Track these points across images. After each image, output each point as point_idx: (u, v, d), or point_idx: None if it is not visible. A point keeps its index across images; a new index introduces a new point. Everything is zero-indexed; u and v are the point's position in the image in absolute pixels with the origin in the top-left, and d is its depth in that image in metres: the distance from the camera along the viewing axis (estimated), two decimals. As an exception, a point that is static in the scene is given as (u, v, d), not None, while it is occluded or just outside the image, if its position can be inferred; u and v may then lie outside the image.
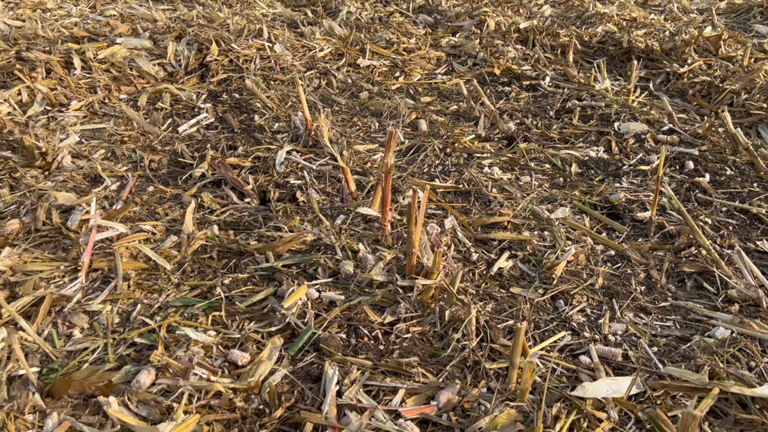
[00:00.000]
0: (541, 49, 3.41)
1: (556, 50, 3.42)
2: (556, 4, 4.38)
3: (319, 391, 1.27)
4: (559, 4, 4.34)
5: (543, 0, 4.45)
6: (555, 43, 3.48)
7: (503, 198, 1.99)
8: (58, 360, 1.33)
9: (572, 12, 4.08)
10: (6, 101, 2.51)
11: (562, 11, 4.14)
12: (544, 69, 3.15)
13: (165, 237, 1.77)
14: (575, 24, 3.82)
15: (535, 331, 1.46)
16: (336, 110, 2.73)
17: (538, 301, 1.56)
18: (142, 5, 4.09)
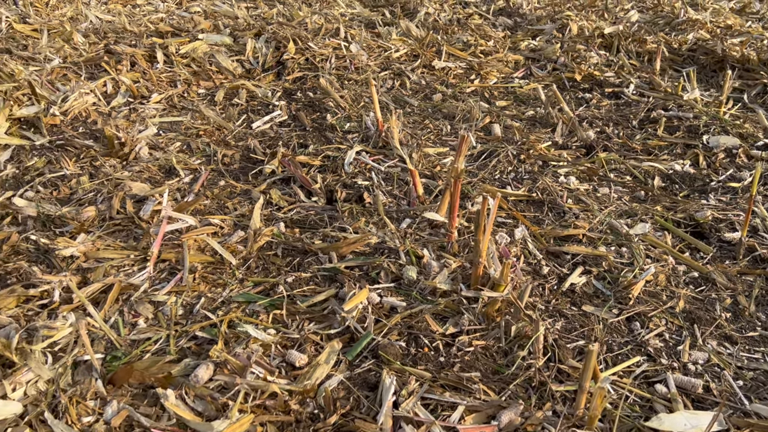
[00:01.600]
0: (626, 55, 3.26)
1: (642, 57, 3.26)
2: (643, 9, 4.18)
3: (375, 400, 1.23)
4: (646, 10, 4.15)
5: (629, 5, 4.27)
6: (641, 49, 3.31)
7: (579, 209, 1.89)
8: (121, 348, 1.35)
9: (661, 18, 3.88)
10: (92, 92, 2.61)
11: (650, 17, 3.95)
12: (629, 76, 3.00)
13: (232, 232, 1.78)
14: (664, 30, 3.63)
15: (608, 354, 1.37)
16: (408, 112, 2.69)
17: (612, 321, 1.46)
18: (225, 2, 4.19)
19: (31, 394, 1.20)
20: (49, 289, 1.48)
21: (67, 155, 2.18)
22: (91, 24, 3.62)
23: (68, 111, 2.47)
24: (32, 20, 3.58)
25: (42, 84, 2.59)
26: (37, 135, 2.33)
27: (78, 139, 2.28)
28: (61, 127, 2.39)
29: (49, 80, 2.67)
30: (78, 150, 2.22)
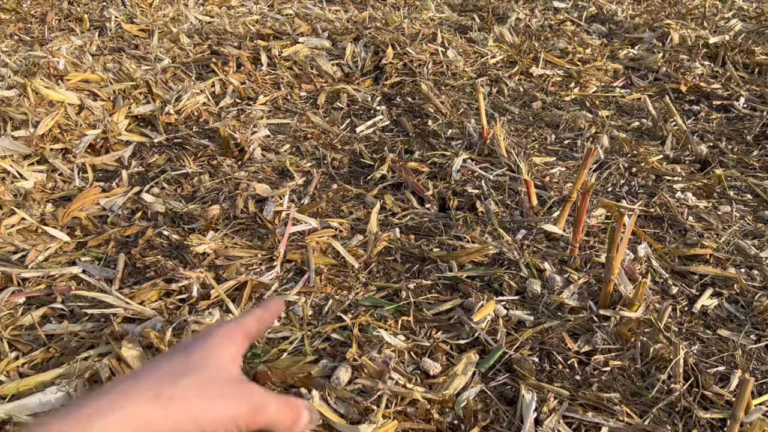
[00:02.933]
0: (733, 66, 3.14)
1: (751, 69, 3.13)
2: (745, 18, 4.02)
3: (515, 414, 1.23)
4: (749, 19, 3.99)
5: (730, 13, 4.11)
6: (749, 61, 3.18)
7: (702, 228, 1.84)
8: (260, 346, 1.39)
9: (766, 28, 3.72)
10: (202, 92, 2.70)
11: (754, 26, 3.80)
12: (738, 89, 2.89)
13: (351, 235, 1.81)
14: (772, 41, 3.48)
15: (750, 382, 1.32)
16: (509, 119, 2.67)
17: (751, 348, 1.41)
18: (316, 5, 4.27)
19: (183, 386, 1.26)
20: (188, 284, 1.54)
21: (186, 153, 2.26)
22: (191, 25, 3.76)
23: (181, 110, 2.57)
24: (138, 20, 3.74)
25: (156, 83, 2.70)
26: (154, 132, 2.44)
27: (194, 138, 2.36)
28: (176, 126, 2.48)
29: (162, 80, 2.78)
30: (195, 148, 2.31)
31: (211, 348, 0.48)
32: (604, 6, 4.24)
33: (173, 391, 0.43)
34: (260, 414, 0.46)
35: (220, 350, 0.48)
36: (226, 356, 0.48)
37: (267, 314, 0.56)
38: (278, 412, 0.47)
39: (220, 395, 0.44)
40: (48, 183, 2.00)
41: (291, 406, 0.48)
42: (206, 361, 0.47)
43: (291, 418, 0.48)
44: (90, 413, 0.40)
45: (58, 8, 4.05)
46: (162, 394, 0.42)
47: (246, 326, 0.53)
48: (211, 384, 0.45)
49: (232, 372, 0.48)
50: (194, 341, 0.49)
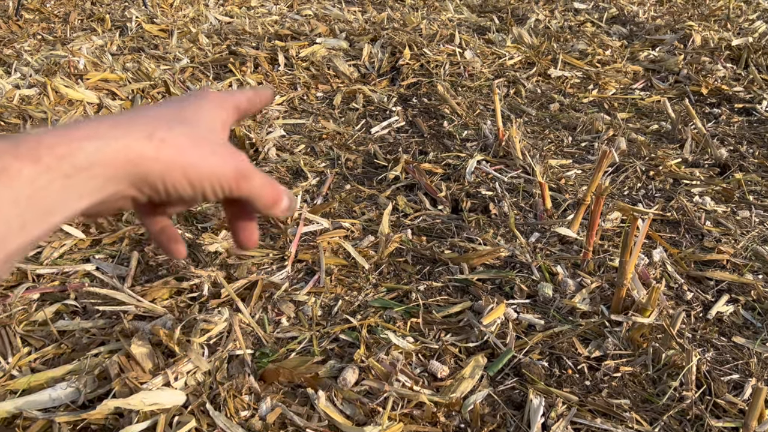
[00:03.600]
0: (756, 69, 3.08)
1: (775, 71, 3.07)
2: (771, 19, 3.95)
3: (522, 419, 1.22)
4: (775, 20, 3.91)
5: (754, 15, 4.04)
6: (773, 63, 3.12)
7: (719, 233, 1.81)
8: (268, 345, 1.40)
9: (793, 29, 3.65)
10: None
11: (780, 28, 3.72)
12: (760, 92, 2.84)
13: (362, 236, 1.81)
14: (798, 43, 3.41)
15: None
16: (526, 121, 2.65)
17: (767, 356, 1.38)
18: (335, 6, 4.28)
19: (191, 384, 1.27)
20: (199, 283, 1.55)
21: (201, 153, 2.28)
22: (211, 25, 3.79)
23: (199, 110, 2.59)
24: (159, 20, 3.78)
25: (175, 83, 2.73)
26: (171, 132, 2.45)
27: (210, 138, 2.38)
28: (193, 125, 2.50)
29: (180, 79, 2.80)
30: (210, 148, 2.32)
31: (205, 108, 0.47)
32: (626, 7, 4.19)
33: (166, 135, 0.42)
34: (245, 181, 0.45)
35: (213, 113, 0.47)
36: (217, 120, 0.47)
37: (257, 98, 0.55)
38: (262, 186, 0.46)
39: (211, 152, 0.43)
40: (65, 181, 2.02)
41: (274, 186, 0.47)
42: (199, 119, 0.46)
43: (272, 196, 0.47)
44: (86, 134, 0.39)
45: (81, 8, 4.11)
46: (155, 136, 0.41)
47: (238, 99, 0.52)
48: (203, 139, 0.44)
49: (222, 136, 0.47)
50: (187, 98, 0.48)
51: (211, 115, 0.47)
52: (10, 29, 3.65)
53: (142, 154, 0.40)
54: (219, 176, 0.43)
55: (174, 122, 0.43)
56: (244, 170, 0.45)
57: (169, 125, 0.43)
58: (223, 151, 0.44)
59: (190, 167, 0.42)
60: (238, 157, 0.45)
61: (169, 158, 0.41)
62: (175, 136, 0.42)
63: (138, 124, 0.41)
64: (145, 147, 0.40)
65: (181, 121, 0.44)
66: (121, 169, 0.39)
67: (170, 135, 0.42)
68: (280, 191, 0.48)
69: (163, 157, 0.41)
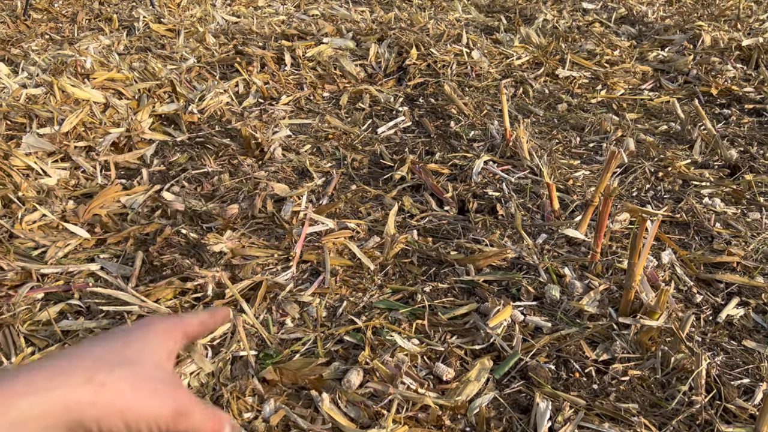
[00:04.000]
0: (767, 69, 3.05)
1: (786, 72, 3.04)
2: (782, 19, 3.91)
3: (528, 423, 1.20)
4: (786, 20, 3.87)
5: (765, 15, 4.00)
6: (784, 63, 3.09)
7: (729, 235, 1.78)
8: (272, 346, 1.39)
9: (804, 29, 3.61)
10: (226, 92, 2.72)
11: (791, 28, 3.68)
12: (771, 92, 2.81)
13: (368, 237, 1.80)
14: (809, 43, 3.37)
15: (776, 396, 1.27)
16: (533, 121, 2.63)
17: (779, 360, 1.36)
18: (342, 6, 4.27)
19: (194, 385, 1.26)
20: (203, 283, 1.54)
21: (207, 152, 2.27)
22: (218, 25, 3.79)
23: (205, 109, 2.59)
24: (166, 20, 3.78)
25: (181, 82, 2.73)
26: (177, 131, 2.45)
27: (216, 137, 2.38)
28: (199, 125, 2.50)
29: (186, 79, 2.80)
30: (216, 148, 2.32)
31: (150, 342, 0.48)
32: (635, 7, 4.16)
33: (106, 378, 0.42)
34: (183, 419, 0.45)
35: (158, 345, 0.48)
36: (163, 352, 0.48)
37: (211, 320, 0.56)
38: (201, 421, 0.47)
39: (151, 392, 0.44)
40: (71, 180, 2.03)
41: (215, 419, 0.48)
42: (143, 355, 0.46)
43: (212, 429, 0.48)
44: (21, 391, 0.39)
45: (89, 8, 4.12)
46: (94, 380, 0.42)
47: (187, 326, 0.52)
48: (144, 379, 0.44)
49: (167, 369, 0.48)
50: (133, 330, 0.49)
51: (157, 349, 0.48)
52: (18, 29, 3.66)
53: (79, 401, 0.41)
54: (156, 418, 0.44)
55: (115, 363, 0.44)
56: (182, 409, 0.45)
57: (110, 367, 0.43)
58: (163, 389, 0.45)
59: (128, 411, 0.42)
60: (177, 395, 0.46)
61: (107, 403, 0.41)
62: (115, 380, 0.43)
63: (78, 368, 0.42)
64: (83, 393, 0.41)
65: (123, 361, 0.45)
66: (59, 417, 0.40)
67: (110, 378, 0.42)
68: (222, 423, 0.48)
69: (100, 401, 0.41)
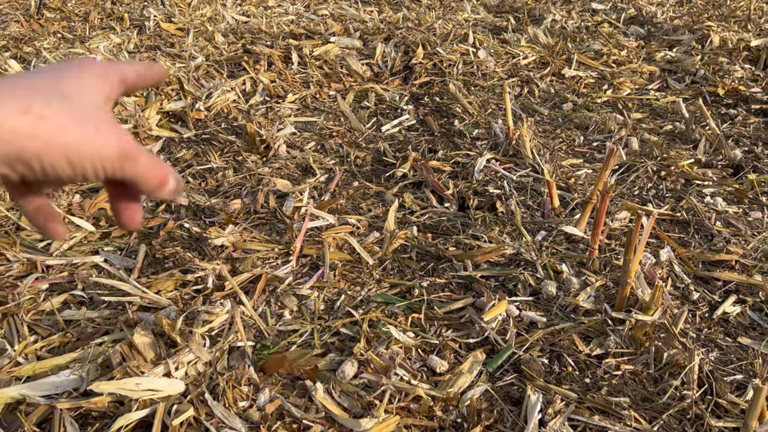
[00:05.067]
0: (776, 69, 3.03)
1: (794, 72, 3.02)
2: (793, 19, 3.88)
3: (520, 415, 1.21)
4: (797, 20, 3.84)
5: (777, 15, 3.97)
6: (793, 63, 3.07)
7: (729, 233, 1.78)
8: (270, 338, 1.41)
9: (815, 29, 3.59)
10: (233, 89, 2.75)
11: (802, 28, 3.66)
12: (779, 92, 2.79)
13: (368, 232, 1.82)
14: (819, 43, 3.35)
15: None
16: (538, 120, 2.64)
17: (773, 357, 1.36)
18: (352, 6, 4.29)
19: (191, 374, 1.28)
20: (203, 275, 1.57)
21: (213, 149, 2.30)
22: (228, 24, 3.82)
23: (212, 107, 2.62)
24: (176, 19, 3.83)
25: (189, 80, 2.76)
26: (184, 128, 2.49)
27: (222, 134, 2.41)
28: (205, 122, 2.53)
29: (194, 77, 2.84)
30: (222, 144, 2.35)
31: (85, 80, 0.43)
32: (644, 8, 4.15)
33: (45, 110, 0.38)
34: (130, 163, 0.41)
35: (95, 85, 0.43)
36: (100, 93, 0.43)
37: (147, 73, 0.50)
38: (147, 168, 0.43)
39: (95, 130, 0.40)
40: (78, 175, 2.06)
41: (160, 167, 0.44)
42: (81, 91, 0.42)
43: (158, 178, 0.44)
44: None
45: (101, 7, 4.18)
46: (32, 110, 0.37)
47: (124, 72, 0.47)
48: (86, 116, 0.40)
49: (106, 111, 0.43)
50: (66, 67, 0.43)
51: (94, 89, 0.43)
52: (32, 27, 3.72)
53: (15, 130, 0.36)
54: (102, 157, 0.40)
55: (52, 95, 0.39)
56: (128, 151, 0.41)
57: (47, 99, 0.38)
58: (107, 129, 0.41)
59: (71, 146, 0.38)
60: (122, 137, 0.42)
61: (49, 136, 0.37)
62: (55, 113, 0.38)
63: (11, 97, 0.37)
64: (20, 122, 0.37)
65: (60, 94, 0.40)
66: None
67: (49, 111, 0.38)
68: (167, 172, 0.45)
69: (41, 134, 0.37)
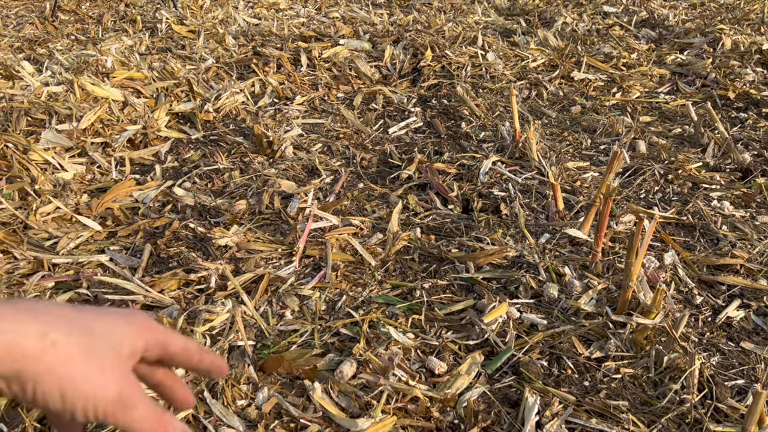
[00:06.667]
0: (788, 73, 3.00)
1: (807, 75, 2.99)
2: (807, 22, 3.84)
3: (517, 417, 1.21)
4: (812, 23, 3.80)
5: (791, 18, 3.93)
6: (806, 67, 3.04)
7: (735, 237, 1.77)
8: (270, 337, 1.42)
9: (829, 33, 3.54)
10: (242, 91, 2.77)
11: (816, 31, 3.62)
12: (791, 96, 2.76)
13: (371, 233, 1.82)
14: (833, 47, 3.31)
15: (771, 398, 1.26)
16: (545, 123, 2.63)
17: (776, 362, 1.35)
18: (363, 9, 4.31)
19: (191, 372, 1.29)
20: (206, 275, 1.58)
21: (220, 150, 2.32)
22: (239, 27, 3.85)
23: (220, 108, 2.64)
24: (188, 22, 3.86)
25: (198, 82, 2.78)
26: (193, 129, 2.51)
27: (229, 136, 2.42)
28: (214, 123, 2.55)
29: (204, 79, 2.86)
30: (229, 145, 2.37)
31: (120, 326, 0.44)
32: (656, 11, 4.13)
33: (60, 339, 0.39)
34: (124, 411, 0.42)
35: (126, 334, 0.44)
36: (127, 343, 0.44)
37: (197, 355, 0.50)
38: (144, 419, 0.43)
39: (99, 369, 0.41)
40: (87, 175, 2.09)
41: (161, 420, 0.44)
42: (107, 333, 0.43)
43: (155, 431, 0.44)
44: None
45: (115, 10, 4.23)
46: (47, 337, 0.39)
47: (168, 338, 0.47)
48: (98, 355, 0.41)
49: (122, 360, 0.43)
50: (111, 311, 0.46)
51: (123, 336, 0.44)
52: (46, 29, 3.77)
53: (24, 353, 0.38)
54: (97, 399, 0.40)
55: (75, 328, 0.40)
56: (126, 399, 0.41)
57: (69, 329, 0.40)
58: (111, 372, 0.41)
59: (67, 379, 0.39)
60: (125, 382, 0.42)
61: (52, 363, 0.38)
62: (68, 343, 0.39)
63: (37, 322, 0.39)
64: (32, 345, 0.38)
65: (85, 330, 0.41)
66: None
67: (64, 340, 0.39)
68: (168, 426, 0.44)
69: (46, 359, 0.38)
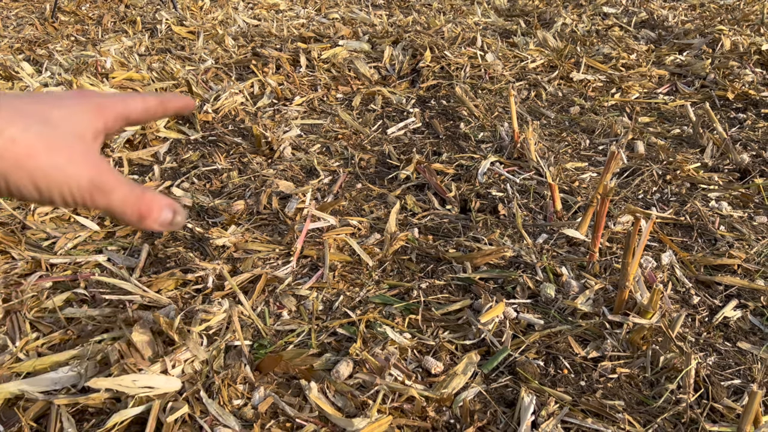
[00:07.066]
0: (787, 73, 3.00)
1: (806, 76, 2.99)
2: (807, 23, 3.84)
3: (513, 417, 1.21)
4: (811, 24, 3.80)
5: (791, 18, 3.93)
6: (805, 67, 3.04)
7: (733, 238, 1.77)
8: (267, 337, 1.42)
9: (829, 33, 3.54)
10: (241, 92, 2.77)
11: (816, 32, 3.62)
12: (790, 96, 2.76)
13: (369, 234, 1.82)
14: (833, 47, 3.31)
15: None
16: (544, 124, 2.63)
17: (773, 363, 1.35)
18: (362, 10, 4.31)
19: (187, 372, 1.29)
20: (204, 275, 1.58)
21: (219, 151, 2.33)
22: (239, 28, 3.86)
23: (219, 109, 2.64)
24: (188, 23, 3.87)
25: (197, 83, 2.79)
26: (191, 130, 2.51)
27: (228, 136, 2.43)
28: (212, 124, 2.56)
29: (203, 79, 2.86)
30: (228, 146, 2.37)
31: (78, 112, 0.43)
32: (656, 11, 4.13)
33: (19, 134, 0.38)
34: (102, 196, 0.42)
35: (85, 119, 0.44)
36: (89, 127, 0.44)
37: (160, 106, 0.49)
38: (123, 201, 0.43)
39: (67, 159, 0.40)
40: (85, 175, 2.09)
41: (142, 201, 0.44)
42: (67, 121, 0.42)
43: (138, 212, 0.44)
44: None
45: (115, 11, 4.23)
46: (5, 133, 0.38)
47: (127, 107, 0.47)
48: (62, 145, 0.41)
49: (91, 145, 0.44)
50: (64, 96, 0.44)
51: (83, 121, 0.44)
52: (46, 30, 3.78)
53: None
54: (71, 186, 0.40)
55: (33, 120, 0.40)
56: (101, 183, 0.42)
57: (27, 124, 0.40)
58: (82, 161, 0.41)
59: (38, 172, 0.39)
60: (97, 169, 0.42)
61: (16, 161, 0.38)
62: (29, 137, 0.39)
63: None
64: None
65: (43, 121, 0.41)
66: None
67: (23, 135, 0.39)
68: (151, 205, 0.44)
69: (8, 156, 0.38)
